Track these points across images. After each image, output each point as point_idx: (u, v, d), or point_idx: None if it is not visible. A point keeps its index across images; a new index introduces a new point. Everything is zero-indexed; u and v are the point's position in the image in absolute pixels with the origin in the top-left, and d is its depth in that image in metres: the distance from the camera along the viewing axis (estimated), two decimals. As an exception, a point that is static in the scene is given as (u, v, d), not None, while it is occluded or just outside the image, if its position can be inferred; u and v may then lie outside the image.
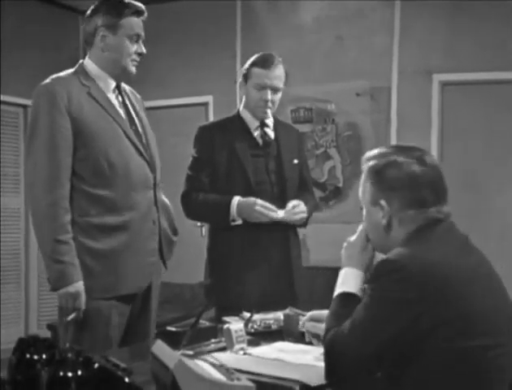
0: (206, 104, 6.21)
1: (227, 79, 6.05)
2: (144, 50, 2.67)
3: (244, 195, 2.94)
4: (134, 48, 2.64)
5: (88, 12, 2.66)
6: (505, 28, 5.07)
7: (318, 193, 5.63)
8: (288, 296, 2.94)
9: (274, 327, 2.35)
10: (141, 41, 2.67)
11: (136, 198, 2.60)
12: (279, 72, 3.00)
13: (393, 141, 5.44)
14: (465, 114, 5.25)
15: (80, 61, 2.69)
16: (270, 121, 3.10)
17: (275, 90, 2.99)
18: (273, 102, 3.01)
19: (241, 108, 3.11)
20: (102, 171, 2.55)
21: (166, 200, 2.81)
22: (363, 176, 1.86)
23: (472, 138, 5.21)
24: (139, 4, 2.69)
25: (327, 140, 5.63)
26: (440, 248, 1.72)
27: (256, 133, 3.06)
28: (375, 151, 1.86)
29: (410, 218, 1.77)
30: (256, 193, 2.95)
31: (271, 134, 3.08)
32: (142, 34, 2.67)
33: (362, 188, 1.87)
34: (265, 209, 2.88)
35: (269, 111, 3.03)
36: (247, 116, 3.08)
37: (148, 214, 2.64)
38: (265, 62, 3.00)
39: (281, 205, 2.98)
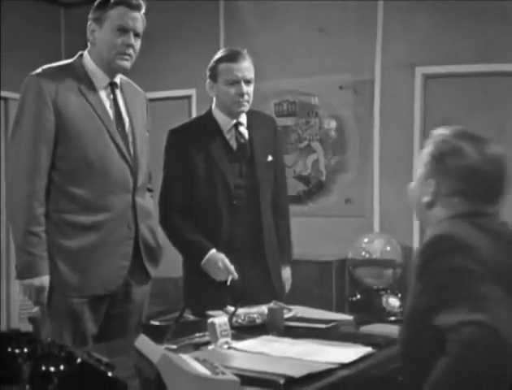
0: (189, 97, 6.18)
1: (210, 72, 6.03)
2: (130, 41, 2.55)
3: (225, 200, 2.91)
4: (119, 40, 2.56)
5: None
6: (486, 20, 5.07)
7: (301, 187, 5.64)
8: (266, 290, 2.93)
9: (258, 321, 2.35)
10: (130, 33, 2.56)
11: (112, 200, 2.57)
12: (248, 64, 2.94)
13: (376, 135, 5.44)
14: (448, 107, 5.25)
15: (80, 53, 2.66)
16: (243, 118, 3.02)
17: (247, 82, 2.92)
18: (248, 94, 2.95)
19: (213, 107, 3.02)
20: (80, 169, 2.53)
21: (149, 205, 2.77)
22: (427, 148, 1.88)
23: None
24: None
25: (311, 133, 5.62)
26: (475, 234, 1.71)
27: (229, 135, 2.99)
28: (446, 130, 1.89)
29: (452, 204, 1.80)
30: (235, 198, 2.93)
31: (246, 134, 3.02)
32: (130, 25, 2.55)
33: (422, 158, 1.88)
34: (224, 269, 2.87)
35: (247, 105, 2.96)
36: (220, 117, 2.98)
37: (123, 217, 2.60)
38: (232, 56, 2.92)
39: (256, 210, 2.96)
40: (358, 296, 2.47)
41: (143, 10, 2.64)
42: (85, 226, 2.53)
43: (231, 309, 2.53)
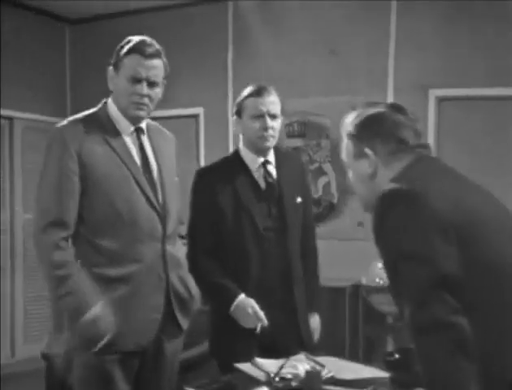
0: (196, 116, 6.10)
1: (217, 91, 5.97)
2: (143, 92, 2.46)
3: (254, 242, 2.83)
4: (132, 89, 2.47)
5: None
6: (501, 43, 5.03)
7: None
8: (294, 339, 2.85)
9: (294, 384, 2.26)
10: (144, 83, 2.47)
11: (142, 250, 2.47)
12: (273, 98, 2.88)
13: (389, 157, 5.37)
14: (462, 129, 5.20)
15: (104, 100, 2.58)
16: (271, 156, 2.96)
17: (272, 116, 2.87)
18: (273, 129, 2.89)
19: (241, 147, 2.96)
20: (106, 219, 2.44)
21: (179, 254, 2.68)
22: (344, 140, 1.94)
23: (469, 154, 5.16)
24: (147, 43, 2.49)
25: (322, 155, 5.55)
26: (436, 180, 1.75)
27: (257, 174, 2.92)
28: (351, 114, 1.95)
29: (396, 158, 1.82)
30: (264, 239, 2.84)
31: (274, 172, 2.95)
32: (142, 75, 2.46)
33: (345, 150, 1.94)
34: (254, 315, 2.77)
35: (272, 140, 2.90)
36: (247, 155, 2.92)
37: (153, 267, 2.50)
38: (258, 91, 2.86)
39: (284, 252, 2.89)
40: (396, 356, 2.37)
41: (161, 57, 2.54)
42: (114, 278, 2.43)
43: (259, 361, 2.46)
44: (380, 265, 5.10)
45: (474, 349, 1.56)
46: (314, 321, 3.05)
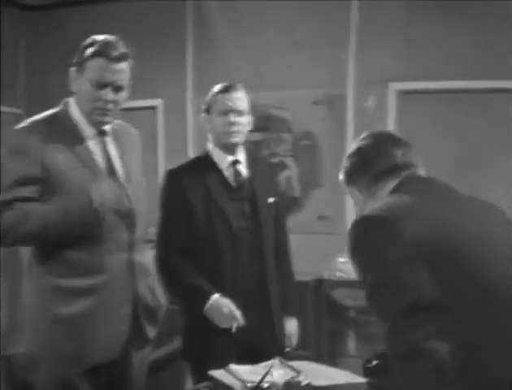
0: (154, 108, 6.00)
1: (176, 82, 5.86)
2: (109, 97, 2.37)
3: (227, 242, 2.78)
4: (97, 94, 2.36)
5: None
6: (460, 36, 5.04)
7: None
8: (269, 341, 2.82)
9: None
10: (109, 88, 2.37)
11: (108, 260, 2.39)
12: (240, 95, 2.93)
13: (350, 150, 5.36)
14: (422, 123, 5.21)
15: (65, 100, 2.47)
16: (242, 156, 2.96)
17: (239, 112, 2.87)
18: (241, 125, 2.88)
19: (210, 146, 2.98)
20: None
21: (148, 260, 2.60)
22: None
23: (429, 147, 5.18)
24: (113, 45, 2.38)
25: (283, 149, 5.50)
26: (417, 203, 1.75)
27: (227, 173, 2.90)
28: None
29: (378, 187, 1.89)
30: (238, 239, 2.80)
31: (244, 172, 2.93)
32: (108, 79, 2.35)
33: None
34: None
35: (239, 136, 2.88)
36: (217, 153, 2.94)
37: (120, 278, 2.42)
38: (226, 88, 2.92)
39: (258, 252, 2.85)
40: (374, 363, 2.35)
41: (127, 60, 2.43)
42: (80, 290, 2.34)
43: (234, 368, 2.42)
44: (342, 259, 5.10)
45: (451, 374, 1.55)
46: (292, 326, 3.03)
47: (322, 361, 3.36)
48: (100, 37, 2.41)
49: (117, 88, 2.40)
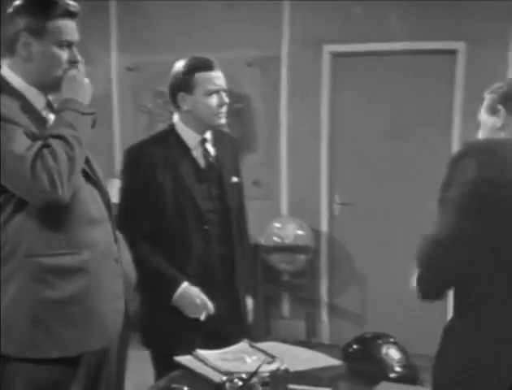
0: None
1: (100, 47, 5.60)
2: (78, 58, 2.23)
3: (195, 225, 2.65)
4: (65, 56, 2.20)
5: (9, 12, 2.20)
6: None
7: (206, 167, 5.42)
8: (237, 325, 2.76)
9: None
10: (74, 48, 2.22)
11: (95, 233, 2.17)
12: (221, 72, 2.72)
13: (284, 114, 5.31)
14: (355, 85, 5.20)
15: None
16: (208, 134, 2.75)
17: (225, 91, 2.70)
18: (226, 105, 2.72)
19: (177, 122, 2.72)
20: None
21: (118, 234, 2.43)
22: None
23: (362, 109, 5.19)
24: (71, 3, 2.24)
25: (216, 112, 5.37)
26: None
27: (196, 153, 2.72)
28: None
29: None
30: (206, 222, 2.68)
31: (212, 151, 2.76)
32: (75, 39, 2.20)
33: (483, 108, 2.11)
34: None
35: (224, 115, 2.72)
36: (186, 132, 2.69)
37: (108, 250, 2.21)
38: (208, 65, 2.66)
39: (226, 236, 2.74)
40: (355, 347, 2.33)
41: None
42: (70, 269, 2.09)
43: (201, 353, 2.35)
44: (278, 224, 5.08)
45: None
46: (249, 303, 2.95)
47: (258, 324, 3.34)
48: None
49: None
